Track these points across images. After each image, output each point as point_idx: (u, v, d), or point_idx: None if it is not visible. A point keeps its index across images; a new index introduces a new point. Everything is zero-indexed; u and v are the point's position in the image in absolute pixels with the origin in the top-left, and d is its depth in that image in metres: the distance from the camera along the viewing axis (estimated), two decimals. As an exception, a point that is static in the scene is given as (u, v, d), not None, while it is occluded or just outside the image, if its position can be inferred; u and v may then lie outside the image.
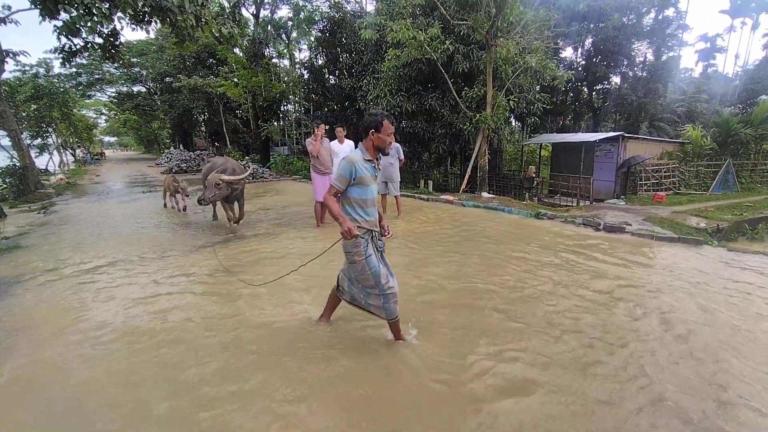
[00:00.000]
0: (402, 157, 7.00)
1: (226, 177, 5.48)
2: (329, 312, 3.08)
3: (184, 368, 2.57)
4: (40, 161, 20.25)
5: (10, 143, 12.44)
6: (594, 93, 21.35)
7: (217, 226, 6.97)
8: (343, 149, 6.99)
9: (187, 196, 8.21)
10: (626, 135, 13.15)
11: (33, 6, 7.32)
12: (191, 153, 23.99)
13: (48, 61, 21.91)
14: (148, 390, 2.37)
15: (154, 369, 2.58)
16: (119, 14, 7.74)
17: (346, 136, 7.15)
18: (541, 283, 3.94)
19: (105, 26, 7.85)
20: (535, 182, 14.56)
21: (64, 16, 7.26)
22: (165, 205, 9.05)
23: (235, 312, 3.39)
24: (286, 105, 25.18)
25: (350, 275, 2.73)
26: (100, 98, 35.17)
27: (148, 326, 3.16)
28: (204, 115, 29.81)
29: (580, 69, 19.38)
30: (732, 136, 13.72)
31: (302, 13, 20.26)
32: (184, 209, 8.37)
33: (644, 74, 20.09)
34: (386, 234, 2.71)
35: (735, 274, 4.21)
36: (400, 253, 4.99)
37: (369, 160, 2.58)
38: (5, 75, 16.22)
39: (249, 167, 6.43)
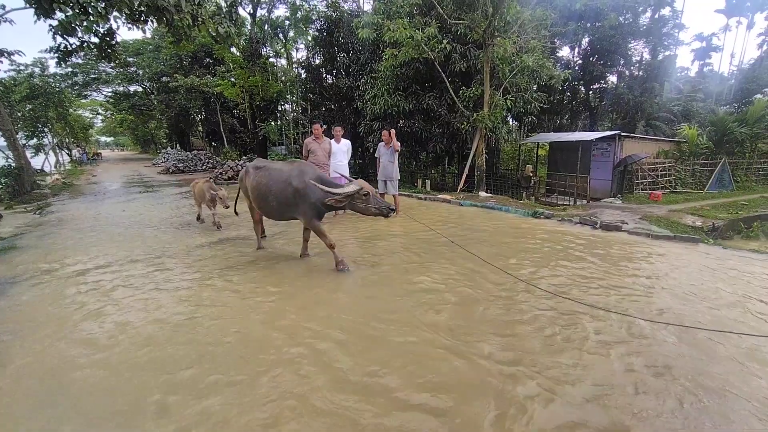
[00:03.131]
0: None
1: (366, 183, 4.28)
2: None
3: (182, 366, 2.57)
4: (36, 161, 20.15)
5: (5, 143, 12.37)
6: (591, 92, 21.43)
7: (204, 225, 6.93)
8: (341, 148, 7.01)
9: (227, 207, 6.23)
10: (623, 134, 13.20)
11: (28, 5, 7.27)
12: (188, 153, 23.93)
13: (43, 60, 21.81)
14: (145, 388, 2.37)
15: (152, 368, 2.58)
16: (115, 13, 7.68)
17: (343, 136, 7.17)
18: (536, 282, 3.96)
19: (101, 25, 7.80)
20: (533, 181, 14.60)
21: (59, 15, 7.21)
22: (199, 218, 7.18)
23: (238, 313, 3.39)
24: (284, 104, 25.17)
25: None
26: (96, 98, 34.99)
27: (144, 325, 3.15)
28: (201, 115, 29.76)
29: (576, 68, 19.44)
30: (727, 135, 13.81)
31: (299, 12, 20.23)
32: (219, 225, 6.64)
33: (641, 73, 20.18)
34: None
35: (732, 272, 4.24)
36: (399, 252, 4.99)
37: None
38: (0, 74, 16.12)
39: (352, 182, 4.36)
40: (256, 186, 4.51)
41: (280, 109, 24.77)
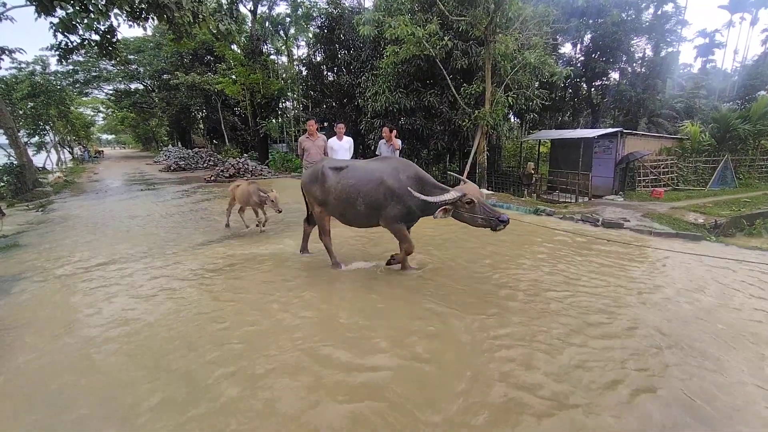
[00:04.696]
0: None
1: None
2: None
3: (179, 359, 2.58)
4: (38, 159, 20.19)
5: (7, 141, 12.40)
6: (593, 89, 21.32)
7: (212, 223, 6.92)
8: (342, 146, 6.99)
9: (280, 211, 5.85)
10: (625, 131, 13.13)
11: (28, 2, 7.27)
12: (189, 151, 23.94)
13: (44, 58, 21.81)
14: (146, 382, 2.38)
15: (153, 362, 2.59)
16: (116, 11, 7.67)
17: (345, 133, 7.15)
18: (536, 278, 3.96)
19: (101, 23, 7.80)
20: (534, 179, 14.57)
21: (60, 12, 7.20)
22: (228, 225, 6.70)
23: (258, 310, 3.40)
24: (285, 102, 25.13)
25: None
26: (98, 96, 34.99)
27: (146, 321, 3.17)
28: (202, 113, 29.76)
29: (578, 65, 19.35)
30: (730, 132, 13.72)
31: (300, 9, 20.16)
32: (250, 226, 6.48)
33: (643, 70, 20.06)
34: None
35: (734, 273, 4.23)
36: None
37: None
38: (1, 72, 16.15)
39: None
40: (342, 189, 3.90)
41: (281, 106, 24.74)
